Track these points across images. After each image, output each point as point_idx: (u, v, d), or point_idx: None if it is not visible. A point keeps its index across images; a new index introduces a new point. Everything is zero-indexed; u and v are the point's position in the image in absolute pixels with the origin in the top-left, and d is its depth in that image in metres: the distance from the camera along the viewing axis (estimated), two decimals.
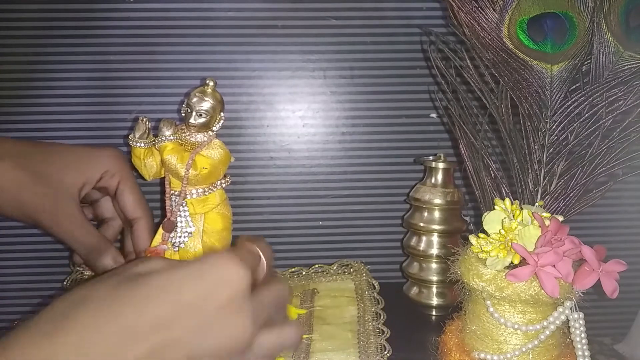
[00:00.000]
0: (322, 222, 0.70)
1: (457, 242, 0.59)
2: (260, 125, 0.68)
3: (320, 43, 0.66)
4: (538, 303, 0.40)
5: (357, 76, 0.67)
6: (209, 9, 0.65)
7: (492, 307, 0.42)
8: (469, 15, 0.49)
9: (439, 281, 0.60)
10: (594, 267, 0.39)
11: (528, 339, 0.41)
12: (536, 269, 0.38)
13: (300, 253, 0.70)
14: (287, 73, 0.67)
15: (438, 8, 0.66)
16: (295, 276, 0.63)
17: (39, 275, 0.69)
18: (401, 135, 0.69)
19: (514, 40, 0.49)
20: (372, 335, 0.49)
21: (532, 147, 0.48)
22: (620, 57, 0.47)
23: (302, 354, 0.47)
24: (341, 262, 0.63)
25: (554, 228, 0.40)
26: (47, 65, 0.64)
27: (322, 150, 0.69)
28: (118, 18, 0.64)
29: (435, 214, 0.60)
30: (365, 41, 0.67)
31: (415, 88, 0.68)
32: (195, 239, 0.47)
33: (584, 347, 0.40)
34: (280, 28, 0.66)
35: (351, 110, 0.68)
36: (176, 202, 0.46)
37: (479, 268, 0.41)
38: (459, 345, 0.45)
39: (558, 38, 0.48)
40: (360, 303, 0.56)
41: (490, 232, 0.42)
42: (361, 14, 0.66)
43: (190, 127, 0.46)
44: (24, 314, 0.56)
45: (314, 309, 0.56)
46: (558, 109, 0.48)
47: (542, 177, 0.47)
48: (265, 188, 0.69)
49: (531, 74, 0.48)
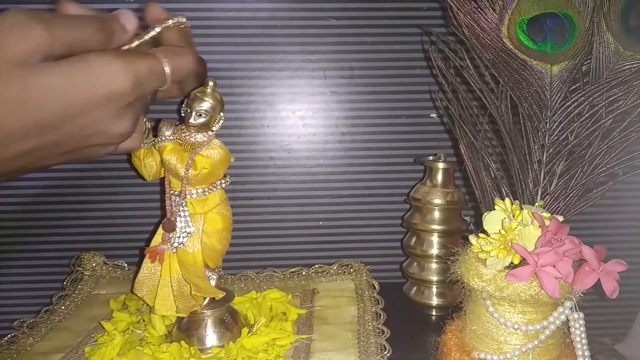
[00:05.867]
0: (322, 222, 0.70)
1: (457, 242, 0.59)
2: (260, 125, 0.68)
3: (320, 43, 0.66)
4: (538, 303, 0.40)
5: (357, 76, 0.67)
6: (209, 9, 0.65)
7: (492, 307, 0.42)
8: (469, 16, 0.49)
9: (439, 281, 0.60)
10: (594, 267, 0.39)
11: (528, 339, 0.41)
12: (536, 269, 0.38)
13: (300, 253, 0.70)
14: (287, 73, 0.67)
15: (438, 8, 0.66)
16: (295, 276, 0.63)
17: (39, 275, 0.69)
18: (401, 135, 0.69)
19: (514, 40, 0.49)
20: (372, 335, 0.49)
21: (532, 147, 0.48)
22: (620, 57, 0.47)
23: (302, 354, 0.47)
24: (341, 262, 0.63)
25: (554, 228, 0.40)
26: None
27: (322, 150, 0.69)
28: None
29: (435, 214, 0.60)
30: (365, 41, 0.67)
31: (415, 88, 0.68)
32: (195, 239, 0.47)
33: (584, 347, 0.40)
34: (280, 28, 0.66)
35: (351, 110, 0.68)
36: (176, 202, 0.46)
37: (479, 268, 0.41)
38: (459, 345, 0.45)
39: (558, 38, 0.48)
40: (360, 303, 0.56)
41: (490, 232, 0.42)
42: (361, 14, 0.66)
43: (190, 127, 0.46)
44: (24, 314, 0.56)
45: (314, 309, 0.56)
46: (558, 109, 0.48)
47: (542, 177, 0.47)
48: (265, 188, 0.69)
49: (531, 74, 0.48)
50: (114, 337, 0.48)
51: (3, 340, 0.50)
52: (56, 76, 0.28)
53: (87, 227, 0.69)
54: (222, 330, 0.49)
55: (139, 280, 0.48)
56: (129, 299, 0.57)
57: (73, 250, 0.66)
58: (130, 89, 0.30)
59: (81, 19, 0.30)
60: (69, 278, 0.62)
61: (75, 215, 0.68)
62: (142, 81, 0.31)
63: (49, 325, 0.53)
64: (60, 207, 0.68)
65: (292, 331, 0.50)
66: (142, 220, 0.68)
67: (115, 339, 0.48)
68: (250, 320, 0.52)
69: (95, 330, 0.52)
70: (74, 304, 0.58)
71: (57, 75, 0.28)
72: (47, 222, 0.68)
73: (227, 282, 0.62)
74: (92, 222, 0.69)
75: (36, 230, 0.68)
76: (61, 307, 0.57)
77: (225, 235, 0.49)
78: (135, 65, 0.30)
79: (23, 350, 0.49)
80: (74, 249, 0.67)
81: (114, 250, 0.67)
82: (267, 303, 0.56)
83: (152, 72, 0.32)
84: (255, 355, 0.46)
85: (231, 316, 0.50)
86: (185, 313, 0.48)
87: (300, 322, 0.53)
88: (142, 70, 0.31)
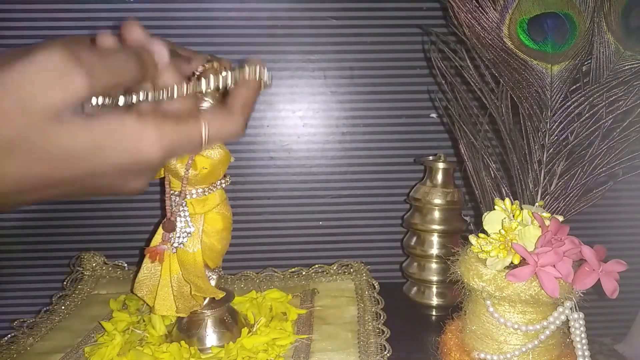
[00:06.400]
0: (322, 222, 0.70)
1: (457, 242, 0.59)
2: (260, 125, 0.68)
3: (320, 43, 0.66)
4: (538, 303, 0.40)
5: (357, 76, 0.67)
6: (209, 9, 0.65)
7: (492, 307, 0.42)
8: (469, 15, 0.49)
9: (439, 281, 0.60)
10: (594, 267, 0.39)
11: (528, 339, 0.41)
12: (536, 269, 0.38)
13: (300, 253, 0.70)
14: (287, 73, 0.67)
15: (438, 8, 0.65)
16: (295, 276, 0.63)
17: (39, 275, 0.69)
18: (401, 135, 0.69)
19: (515, 40, 0.49)
20: (372, 335, 0.49)
21: (532, 147, 0.48)
22: (621, 57, 0.47)
23: (302, 354, 0.47)
24: (341, 262, 0.63)
25: (554, 228, 0.40)
26: None
27: (322, 150, 0.69)
28: (118, 18, 0.64)
29: (435, 214, 0.60)
30: (365, 41, 0.67)
31: (415, 88, 0.68)
32: (195, 239, 0.47)
33: (584, 347, 0.40)
34: (280, 28, 0.66)
35: (351, 110, 0.68)
36: (176, 202, 0.46)
37: (479, 268, 0.41)
38: (459, 345, 0.45)
39: (558, 38, 0.48)
40: (360, 303, 0.56)
41: (490, 232, 0.42)
42: (361, 14, 0.66)
43: None
44: (24, 314, 0.56)
45: (314, 309, 0.55)
46: (558, 109, 0.48)
47: (542, 177, 0.47)
48: (265, 188, 0.69)
49: (531, 74, 0.48)
50: (114, 337, 0.48)
51: (3, 340, 0.50)
52: (88, 137, 0.26)
53: (87, 227, 0.69)
54: (222, 330, 0.49)
55: (139, 280, 0.48)
56: (129, 299, 0.57)
57: (73, 250, 0.66)
58: (160, 160, 0.28)
59: (120, 56, 0.28)
60: (69, 278, 0.62)
61: (75, 215, 0.68)
62: (175, 151, 0.29)
63: (49, 325, 0.53)
64: (61, 207, 0.68)
65: (292, 331, 0.50)
66: (142, 220, 0.68)
67: (115, 339, 0.48)
68: (250, 320, 0.52)
69: (95, 330, 0.52)
70: (74, 304, 0.58)
71: (89, 136, 0.26)
72: (48, 222, 0.68)
73: (227, 282, 0.62)
74: (92, 222, 0.68)
75: (36, 230, 0.68)
76: (61, 307, 0.57)
77: (225, 235, 0.49)
78: (171, 136, 0.28)
79: (23, 350, 0.49)
80: (74, 249, 0.67)
81: (114, 250, 0.67)
82: (267, 303, 0.56)
83: (188, 142, 0.29)
84: (255, 355, 0.46)
85: (231, 316, 0.50)
86: (185, 313, 0.48)
87: (300, 322, 0.53)
88: (178, 140, 0.29)
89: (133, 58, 0.28)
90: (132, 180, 0.30)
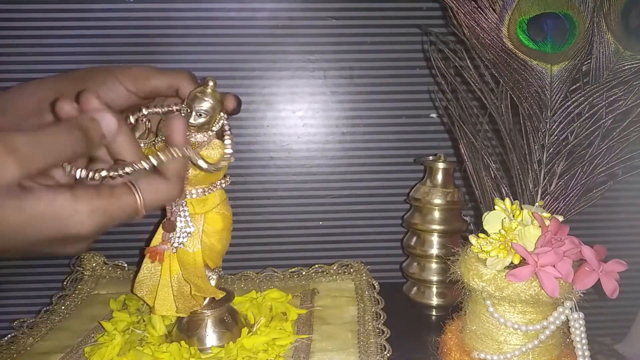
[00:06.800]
0: (322, 222, 0.70)
1: (457, 242, 0.59)
2: (260, 125, 0.68)
3: (320, 43, 0.66)
4: (538, 303, 0.40)
5: (357, 76, 0.67)
6: (209, 9, 0.65)
7: (492, 307, 0.42)
8: (469, 16, 0.49)
9: (439, 281, 0.60)
10: (594, 267, 0.39)
11: (528, 339, 0.41)
12: (536, 269, 0.38)
13: (300, 253, 0.70)
14: (287, 73, 0.67)
15: (438, 8, 0.66)
16: (295, 276, 0.63)
17: (39, 275, 0.69)
18: (401, 135, 0.69)
19: (514, 40, 0.49)
20: (372, 335, 0.49)
21: (532, 147, 0.48)
22: (620, 57, 0.47)
23: (302, 354, 0.47)
24: (341, 262, 0.63)
25: (554, 228, 0.40)
26: (47, 65, 0.64)
27: (322, 150, 0.69)
28: (118, 18, 0.64)
29: (435, 214, 0.60)
30: (365, 41, 0.67)
31: (415, 88, 0.68)
32: (195, 239, 0.47)
33: (584, 347, 0.40)
34: (280, 28, 0.66)
35: (351, 110, 0.68)
36: (176, 202, 0.46)
37: (479, 268, 0.41)
38: (459, 345, 0.45)
39: (558, 38, 0.48)
40: (360, 303, 0.56)
41: (490, 232, 0.42)
42: (361, 14, 0.66)
43: (190, 127, 0.46)
44: (24, 314, 0.56)
45: (314, 309, 0.55)
46: (558, 109, 0.48)
47: (542, 177, 0.47)
48: (265, 188, 0.69)
49: (531, 74, 0.48)
50: (114, 337, 0.48)
51: (3, 340, 0.50)
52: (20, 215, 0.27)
53: None
54: (222, 330, 0.49)
55: (139, 280, 0.48)
56: (129, 299, 0.57)
57: None
58: (92, 233, 0.30)
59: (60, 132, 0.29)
60: (69, 278, 0.62)
61: None
62: (109, 222, 0.30)
63: (49, 325, 0.53)
64: None
65: (292, 331, 0.50)
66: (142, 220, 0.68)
67: (115, 339, 0.48)
68: (250, 320, 0.52)
69: (95, 330, 0.52)
70: (74, 304, 0.58)
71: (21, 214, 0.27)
72: None
73: (227, 282, 0.62)
74: None
75: None
76: (61, 307, 0.57)
77: (225, 235, 0.49)
78: (103, 210, 0.29)
79: (23, 350, 0.49)
80: None
81: (114, 250, 0.67)
82: (267, 303, 0.56)
83: (122, 212, 0.31)
84: (255, 355, 0.46)
85: (231, 316, 0.50)
86: (185, 313, 0.48)
87: (300, 322, 0.53)
88: (110, 213, 0.30)
89: (76, 132, 0.29)
90: (70, 247, 0.31)
